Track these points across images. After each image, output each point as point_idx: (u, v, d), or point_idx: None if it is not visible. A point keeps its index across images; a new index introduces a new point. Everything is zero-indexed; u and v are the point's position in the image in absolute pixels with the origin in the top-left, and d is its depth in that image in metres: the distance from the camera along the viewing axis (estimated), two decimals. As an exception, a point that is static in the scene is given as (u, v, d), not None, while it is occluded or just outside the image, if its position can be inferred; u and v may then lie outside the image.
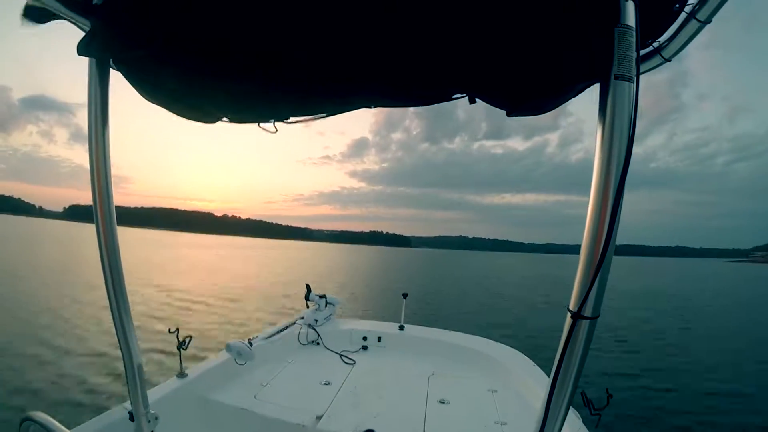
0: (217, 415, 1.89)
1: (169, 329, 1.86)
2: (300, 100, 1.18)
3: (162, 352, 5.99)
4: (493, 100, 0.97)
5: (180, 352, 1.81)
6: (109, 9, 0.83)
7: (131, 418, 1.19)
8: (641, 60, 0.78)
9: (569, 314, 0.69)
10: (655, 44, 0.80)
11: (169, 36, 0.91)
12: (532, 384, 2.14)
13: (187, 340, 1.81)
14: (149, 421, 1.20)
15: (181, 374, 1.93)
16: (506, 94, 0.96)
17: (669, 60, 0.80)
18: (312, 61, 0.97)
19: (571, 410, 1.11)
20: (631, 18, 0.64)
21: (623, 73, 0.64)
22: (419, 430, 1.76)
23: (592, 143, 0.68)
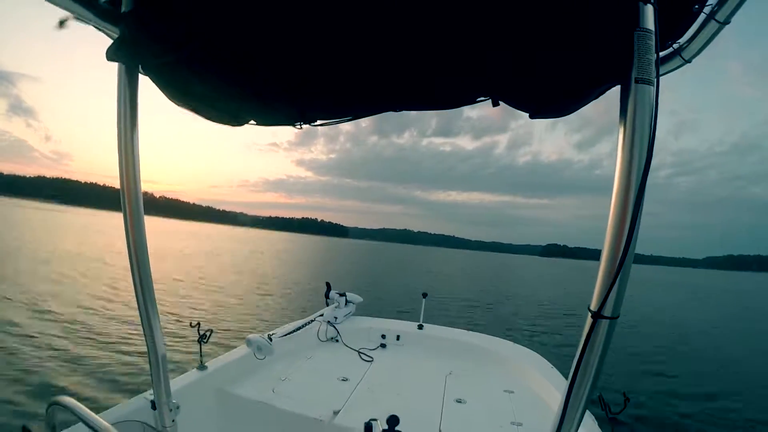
0: (236, 408, 1.92)
1: (191, 323, 1.87)
2: (328, 103, 1.19)
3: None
4: (516, 103, 0.99)
5: (200, 345, 1.84)
6: (137, 16, 0.85)
7: (153, 406, 1.21)
8: (661, 62, 0.77)
9: (589, 314, 0.69)
10: (675, 45, 0.79)
11: (197, 42, 0.92)
12: (548, 385, 2.14)
13: (207, 334, 1.83)
14: (171, 410, 1.22)
15: (201, 366, 1.95)
16: (529, 98, 0.98)
17: (689, 61, 0.79)
18: (340, 65, 0.99)
19: (587, 412, 1.11)
20: (650, 20, 0.64)
21: (643, 76, 0.64)
22: (435, 429, 1.76)
23: (540, 147, 0.70)
